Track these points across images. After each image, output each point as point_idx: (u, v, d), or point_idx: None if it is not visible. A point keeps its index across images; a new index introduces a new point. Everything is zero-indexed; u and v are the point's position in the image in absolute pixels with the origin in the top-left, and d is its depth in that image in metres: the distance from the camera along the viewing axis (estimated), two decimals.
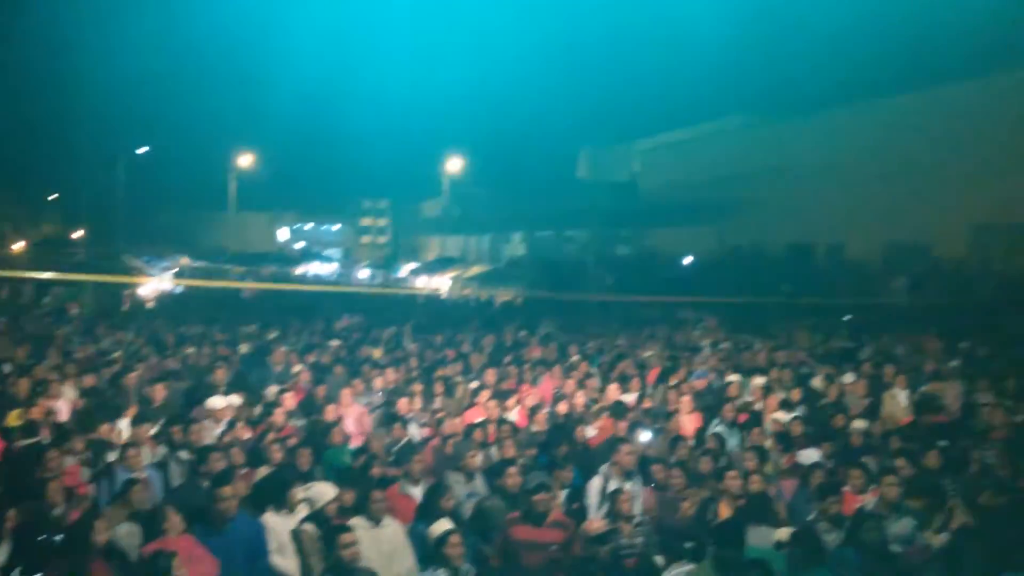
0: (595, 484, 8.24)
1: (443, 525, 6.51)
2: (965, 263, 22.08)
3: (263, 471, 8.29)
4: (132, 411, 10.07)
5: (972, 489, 7.86)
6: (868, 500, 7.85)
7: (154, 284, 30.10)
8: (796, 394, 11.74)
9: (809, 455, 8.87)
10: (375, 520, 6.93)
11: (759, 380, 11.99)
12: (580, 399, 11.54)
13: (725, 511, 7.62)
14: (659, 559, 7.20)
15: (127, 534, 6.65)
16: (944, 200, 22.88)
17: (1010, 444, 9.10)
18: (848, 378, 12.78)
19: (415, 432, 10.24)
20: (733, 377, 12.62)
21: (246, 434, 9.48)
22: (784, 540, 6.54)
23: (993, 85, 22.76)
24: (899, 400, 11.60)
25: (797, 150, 29.45)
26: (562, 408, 10.84)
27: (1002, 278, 20.42)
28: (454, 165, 54.29)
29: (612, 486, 8.07)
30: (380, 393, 12.03)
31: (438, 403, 11.45)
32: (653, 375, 13.58)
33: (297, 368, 13.17)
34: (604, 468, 8.39)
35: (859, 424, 9.78)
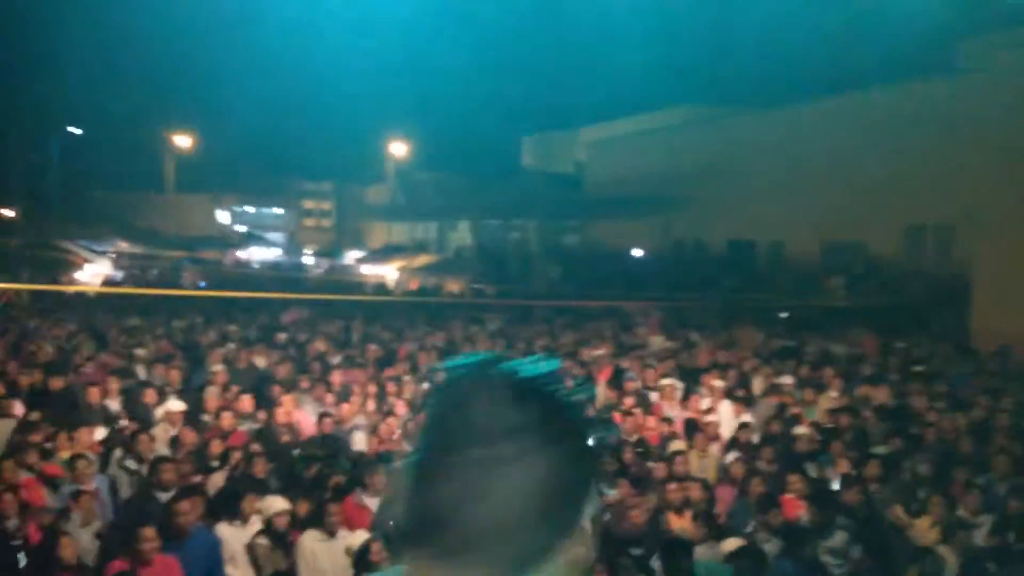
0: None
1: (360, 536, 6.63)
2: (899, 262, 22.73)
3: (216, 478, 8.29)
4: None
5: (906, 497, 8.22)
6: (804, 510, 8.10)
7: (93, 271, 29.42)
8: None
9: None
10: (330, 532, 7.00)
11: (716, 382, 12.08)
12: None
13: (675, 522, 7.78)
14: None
15: (84, 550, 6.62)
16: (880, 200, 23.49)
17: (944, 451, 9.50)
18: (786, 380, 13.09)
19: (361, 439, 10.21)
20: (667, 381, 12.61)
21: (192, 439, 9.41)
22: (730, 552, 6.75)
23: (928, 89, 23.44)
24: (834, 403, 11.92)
25: (740, 147, 29.92)
26: None
27: (933, 277, 21.11)
28: (399, 150, 53.85)
29: None
30: (331, 395, 11.92)
31: (393, 405, 11.36)
32: (604, 375, 13.71)
33: (217, 367, 12.87)
34: None
35: (802, 429, 10.04)
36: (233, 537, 7.04)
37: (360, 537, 6.58)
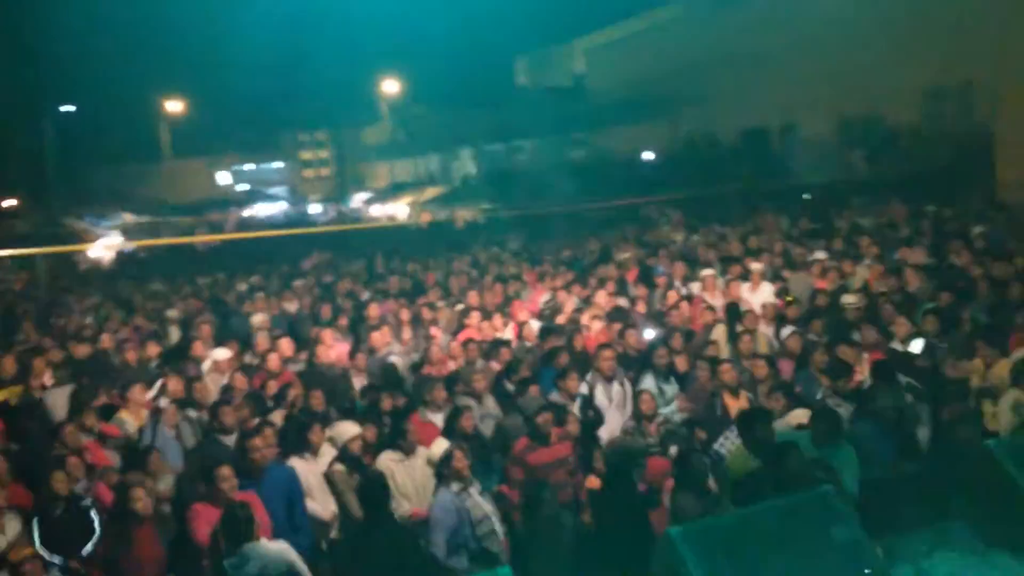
0: (581, 391, 8.30)
1: (441, 445, 6.62)
2: (919, 128, 22.20)
3: (275, 417, 8.26)
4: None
5: (966, 348, 8.13)
6: (863, 371, 8.06)
7: (105, 244, 29.33)
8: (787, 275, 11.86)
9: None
10: (407, 451, 6.98)
11: (756, 266, 12.00)
12: (570, 307, 11.59)
13: (732, 403, 7.75)
14: (673, 449, 7.43)
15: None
16: (894, 69, 22.81)
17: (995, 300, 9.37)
18: (820, 255, 12.96)
19: (401, 362, 10.18)
20: (707, 271, 12.62)
21: (243, 384, 9.40)
22: (804, 422, 6.72)
23: None
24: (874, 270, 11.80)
25: (741, 35, 29.11)
26: (560, 319, 10.87)
27: (955, 139, 20.63)
28: (391, 87, 53.06)
29: (597, 391, 8.23)
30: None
31: (431, 330, 11.34)
32: (632, 276, 13.66)
33: (258, 317, 12.92)
34: (589, 376, 8.49)
35: (850, 298, 9.96)
36: (307, 471, 6.96)
37: (438, 447, 6.57)
